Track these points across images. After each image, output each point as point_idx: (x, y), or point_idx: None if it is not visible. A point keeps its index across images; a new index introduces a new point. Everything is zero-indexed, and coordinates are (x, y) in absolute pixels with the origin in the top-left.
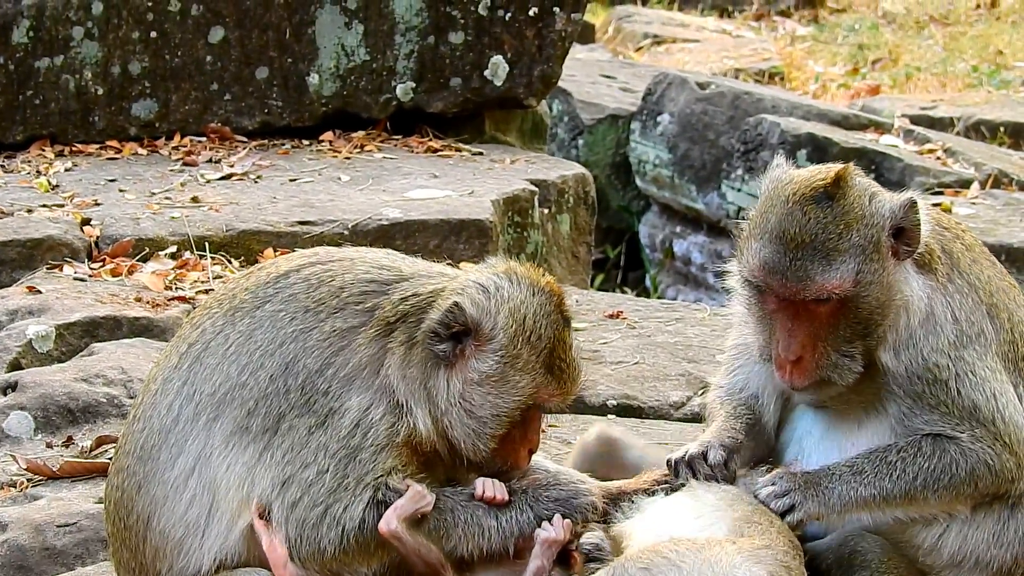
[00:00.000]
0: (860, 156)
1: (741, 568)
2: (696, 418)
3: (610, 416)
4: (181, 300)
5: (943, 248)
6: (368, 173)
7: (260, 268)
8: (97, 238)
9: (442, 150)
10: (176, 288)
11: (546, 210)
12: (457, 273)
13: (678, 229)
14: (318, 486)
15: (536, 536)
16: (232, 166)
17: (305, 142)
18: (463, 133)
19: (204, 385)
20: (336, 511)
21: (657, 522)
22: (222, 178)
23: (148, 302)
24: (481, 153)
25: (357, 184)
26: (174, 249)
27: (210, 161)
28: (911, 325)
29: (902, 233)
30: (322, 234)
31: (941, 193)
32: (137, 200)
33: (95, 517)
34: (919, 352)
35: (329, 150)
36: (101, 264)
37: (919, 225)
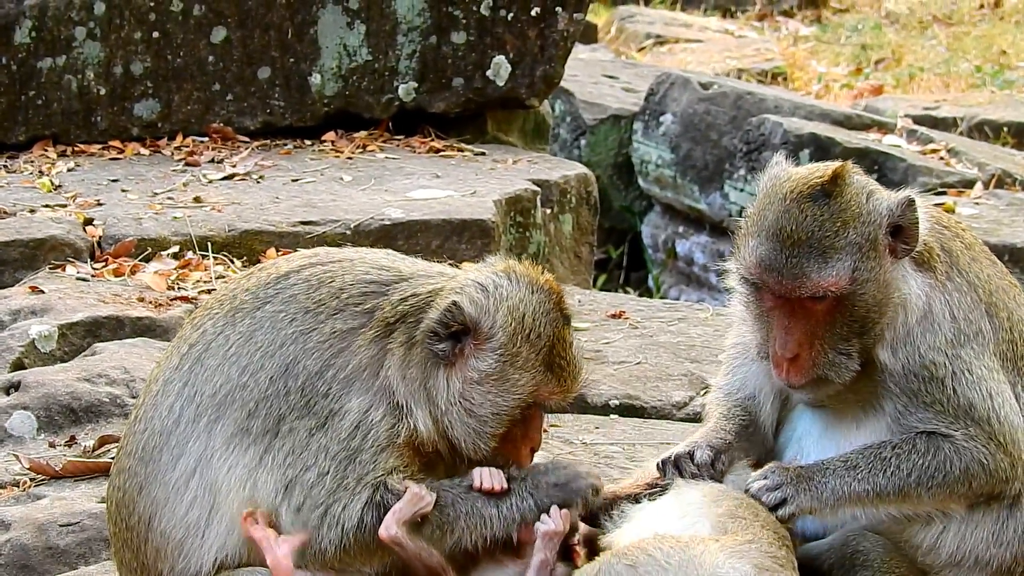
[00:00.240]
0: (863, 156)
1: (724, 566)
2: (698, 418)
3: (612, 416)
4: (183, 300)
5: (942, 246)
6: (370, 173)
7: (261, 268)
8: (100, 238)
9: (444, 150)
10: (178, 288)
11: (548, 210)
12: (456, 273)
13: (680, 229)
14: (319, 488)
15: (536, 530)
16: (234, 166)
17: (307, 142)
18: (465, 133)
19: (205, 386)
20: (336, 511)
21: (644, 524)
22: (224, 178)
23: (150, 302)
24: (483, 153)
25: (359, 184)
26: (176, 249)
27: (212, 161)
28: (909, 323)
29: (900, 231)
30: (324, 234)
31: (944, 193)
32: (139, 200)
33: (98, 517)
34: (916, 350)
35: (331, 150)
36: (104, 264)
37: (917, 223)
